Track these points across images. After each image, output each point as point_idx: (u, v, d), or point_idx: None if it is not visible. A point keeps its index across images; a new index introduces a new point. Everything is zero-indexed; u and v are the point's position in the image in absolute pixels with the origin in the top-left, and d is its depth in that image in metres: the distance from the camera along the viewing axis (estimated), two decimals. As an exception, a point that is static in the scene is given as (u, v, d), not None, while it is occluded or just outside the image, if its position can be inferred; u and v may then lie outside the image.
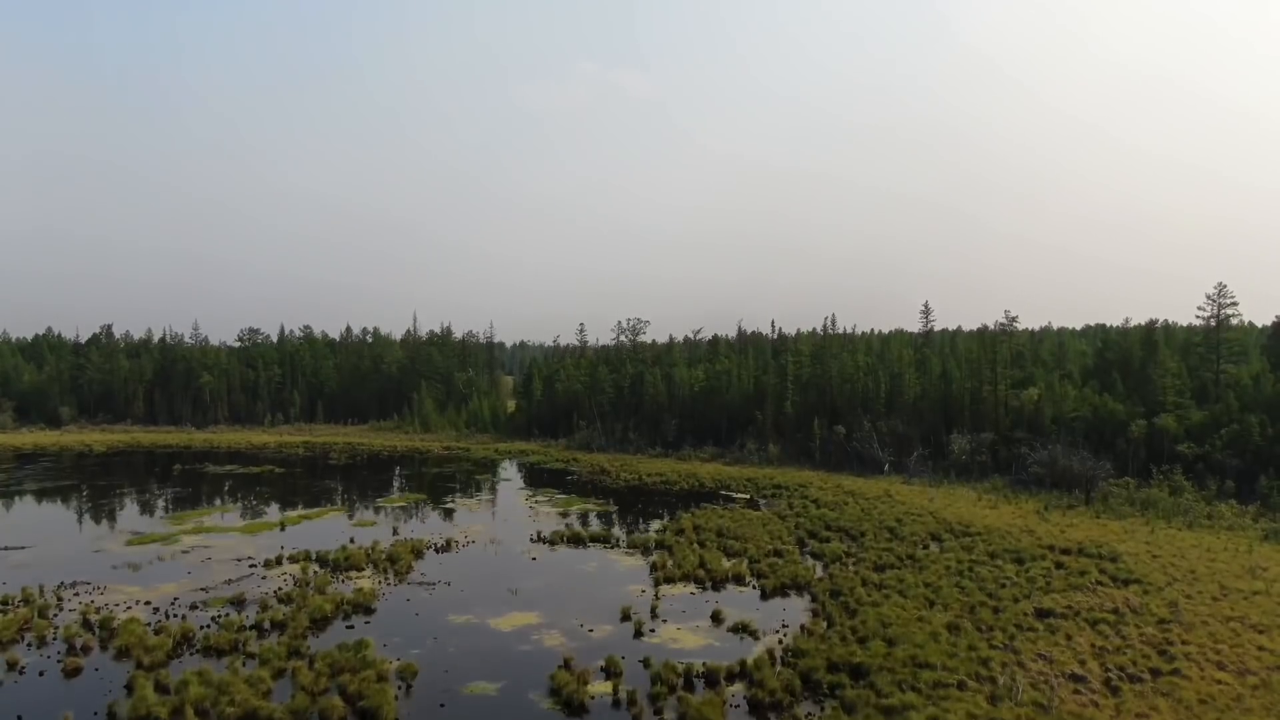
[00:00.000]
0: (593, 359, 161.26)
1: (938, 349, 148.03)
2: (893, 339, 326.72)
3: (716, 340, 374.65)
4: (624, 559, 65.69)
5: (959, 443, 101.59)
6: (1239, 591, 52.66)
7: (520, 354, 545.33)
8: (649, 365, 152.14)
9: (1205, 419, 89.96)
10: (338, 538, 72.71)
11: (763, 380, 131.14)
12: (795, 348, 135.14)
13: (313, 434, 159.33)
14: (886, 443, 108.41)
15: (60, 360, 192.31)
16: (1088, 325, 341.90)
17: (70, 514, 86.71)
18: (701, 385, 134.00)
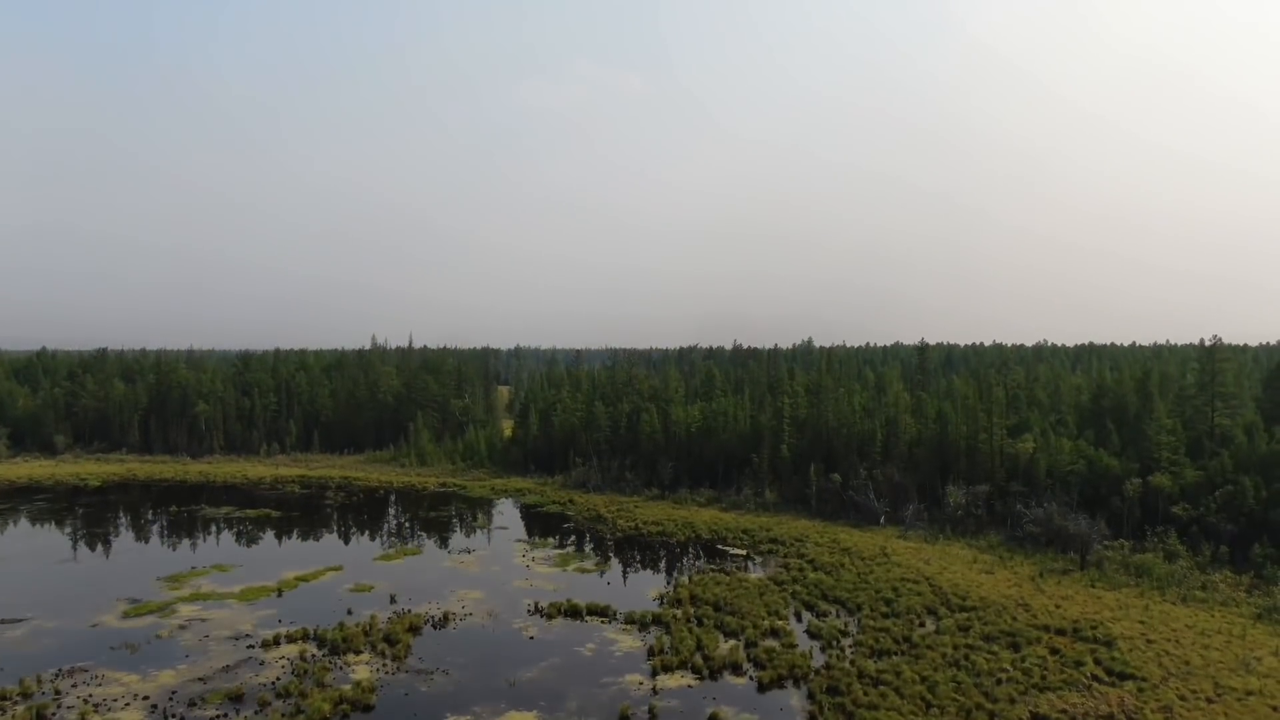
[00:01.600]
0: (589, 392, 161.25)
1: (934, 390, 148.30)
2: (892, 355, 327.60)
3: (712, 354, 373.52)
4: (621, 638, 65.79)
5: (955, 495, 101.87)
6: (1233, 691, 52.95)
7: (518, 362, 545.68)
8: (645, 400, 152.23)
9: (1200, 479, 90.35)
10: (334, 608, 72.85)
11: (759, 420, 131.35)
12: (791, 388, 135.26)
13: (309, 466, 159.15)
14: (882, 492, 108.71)
15: (55, 385, 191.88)
16: (1083, 345, 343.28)
17: (66, 574, 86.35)
18: (698, 425, 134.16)
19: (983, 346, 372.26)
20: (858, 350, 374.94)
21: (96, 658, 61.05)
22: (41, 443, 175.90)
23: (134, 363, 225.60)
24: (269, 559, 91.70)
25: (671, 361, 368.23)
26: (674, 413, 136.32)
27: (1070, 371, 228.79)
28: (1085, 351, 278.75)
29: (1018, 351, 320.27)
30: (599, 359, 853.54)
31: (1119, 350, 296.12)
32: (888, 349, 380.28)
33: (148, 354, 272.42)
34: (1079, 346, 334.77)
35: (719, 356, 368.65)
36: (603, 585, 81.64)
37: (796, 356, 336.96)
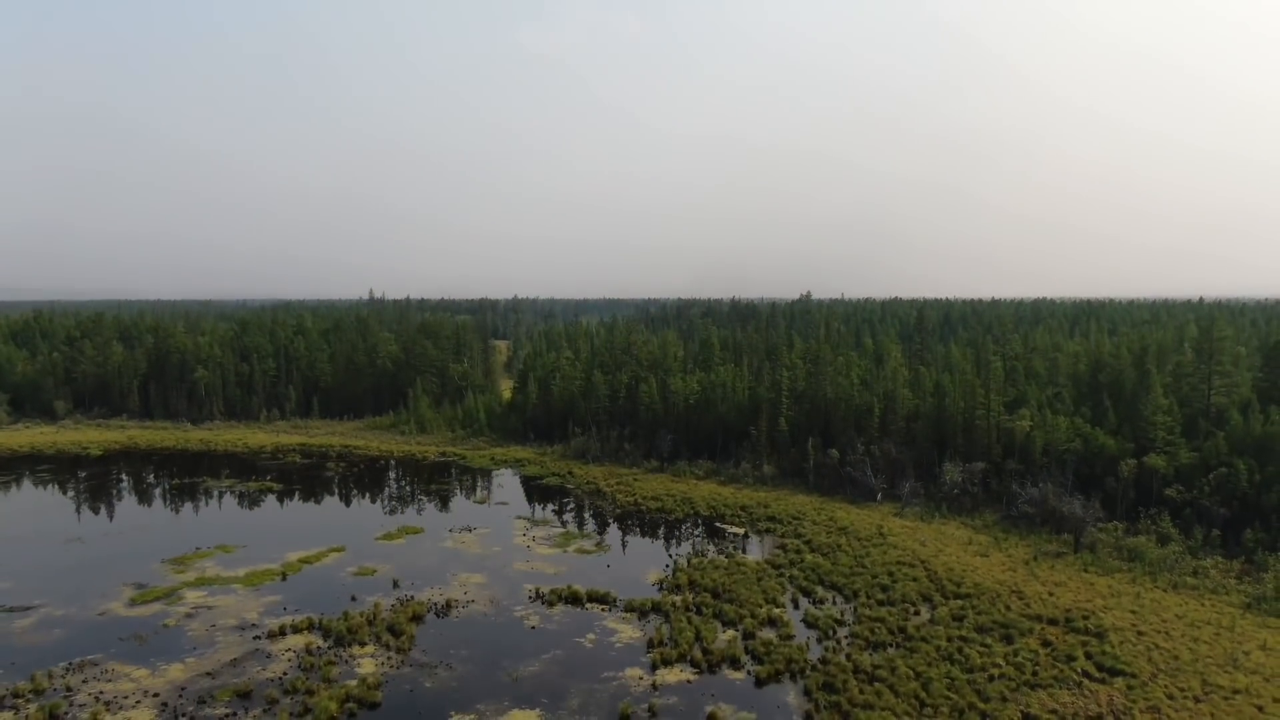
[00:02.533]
0: (588, 360, 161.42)
1: (932, 358, 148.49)
2: (890, 312, 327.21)
3: (710, 312, 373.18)
4: (622, 628, 66.87)
5: (951, 472, 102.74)
6: (1220, 690, 54.11)
7: (516, 316, 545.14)
8: (644, 369, 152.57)
9: (1194, 461, 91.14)
10: (338, 594, 73.94)
11: (757, 392, 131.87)
12: (790, 359, 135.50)
13: (309, 434, 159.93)
14: (879, 468, 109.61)
15: (53, 349, 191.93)
16: (1082, 302, 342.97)
17: (73, 555, 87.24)
18: (697, 397, 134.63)
19: (981, 303, 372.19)
20: (857, 306, 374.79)
21: (106, 650, 62.12)
22: (42, 408, 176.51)
23: (131, 324, 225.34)
24: (272, 538, 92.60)
25: (670, 320, 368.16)
26: (673, 383, 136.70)
27: (1068, 336, 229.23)
28: (1084, 312, 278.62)
29: (1016, 309, 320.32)
30: (598, 310, 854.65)
31: (1118, 309, 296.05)
32: (885, 304, 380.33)
33: (144, 315, 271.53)
34: (1078, 304, 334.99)
35: (717, 313, 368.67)
36: (603, 568, 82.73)
37: (795, 315, 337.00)
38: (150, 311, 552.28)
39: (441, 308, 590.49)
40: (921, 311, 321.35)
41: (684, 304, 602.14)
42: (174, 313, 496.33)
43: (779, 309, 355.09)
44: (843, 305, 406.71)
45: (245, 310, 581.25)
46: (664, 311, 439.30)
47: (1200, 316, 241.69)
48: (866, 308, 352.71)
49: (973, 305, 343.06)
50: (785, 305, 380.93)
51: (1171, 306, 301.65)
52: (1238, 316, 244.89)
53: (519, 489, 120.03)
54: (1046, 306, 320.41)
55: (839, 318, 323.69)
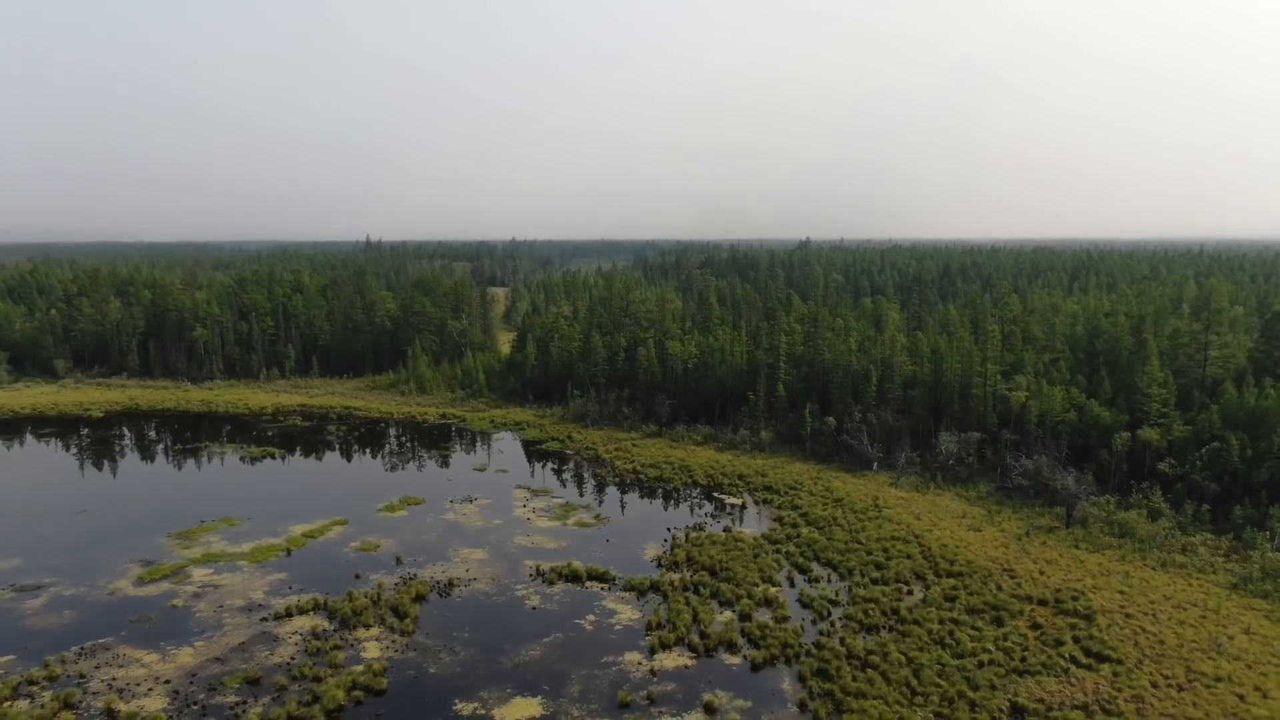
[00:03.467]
0: (586, 321, 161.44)
1: (931, 319, 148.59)
2: (889, 262, 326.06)
3: (709, 262, 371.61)
4: (621, 608, 68.26)
5: (947, 442, 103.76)
6: (1203, 677, 55.60)
7: (514, 263, 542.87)
8: (643, 331, 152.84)
9: (1187, 435, 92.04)
10: (343, 572, 75.32)
11: (756, 356, 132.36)
12: (788, 324, 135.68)
13: (309, 394, 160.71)
14: (876, 436, 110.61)
15: (51, 306, 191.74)
16: (1081, 250, 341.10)
17: (80, 528, 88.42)
18: (695, 360, 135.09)
19: (980, 252, 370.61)
20: (856, 256, 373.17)
21: (116, 632, 63.49)
22: (41, 366, 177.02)
23: (128, 278, 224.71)
24: (276, 508, 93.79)
25: (669, 270, 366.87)
26: (671, 347, 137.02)
27: (1067, 291, 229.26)
28: (1083, 265, 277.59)
29: (1015, 260, 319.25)
30: (596, 253, 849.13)
31: (1117, 260, 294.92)
32: (885, 254, 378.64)
33: (140, 266, 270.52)
34: (1078, 255, 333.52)
35: (716, 263, 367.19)
36: (602, 542, 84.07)
37: (794, 265, 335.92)
38: (145, 257, 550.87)
39: (440, 253, 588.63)
40: (921, 263, 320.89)
41: (683, 250, 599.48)
42: (170, 259, 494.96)
43: (778, 258, 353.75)
44: (842, 253, 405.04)
45: (242, 255, 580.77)
46: (663, 260, 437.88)
47: (1199, 271, 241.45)
48: (865, 258, 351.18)
49: (972, 255, 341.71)
50: (784, 254, 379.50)
51: (1171, 259, 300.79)
52: (1236, 272, 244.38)
53: (519, 455, 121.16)
54: (1045, 257, 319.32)
55: (838, 268, 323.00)
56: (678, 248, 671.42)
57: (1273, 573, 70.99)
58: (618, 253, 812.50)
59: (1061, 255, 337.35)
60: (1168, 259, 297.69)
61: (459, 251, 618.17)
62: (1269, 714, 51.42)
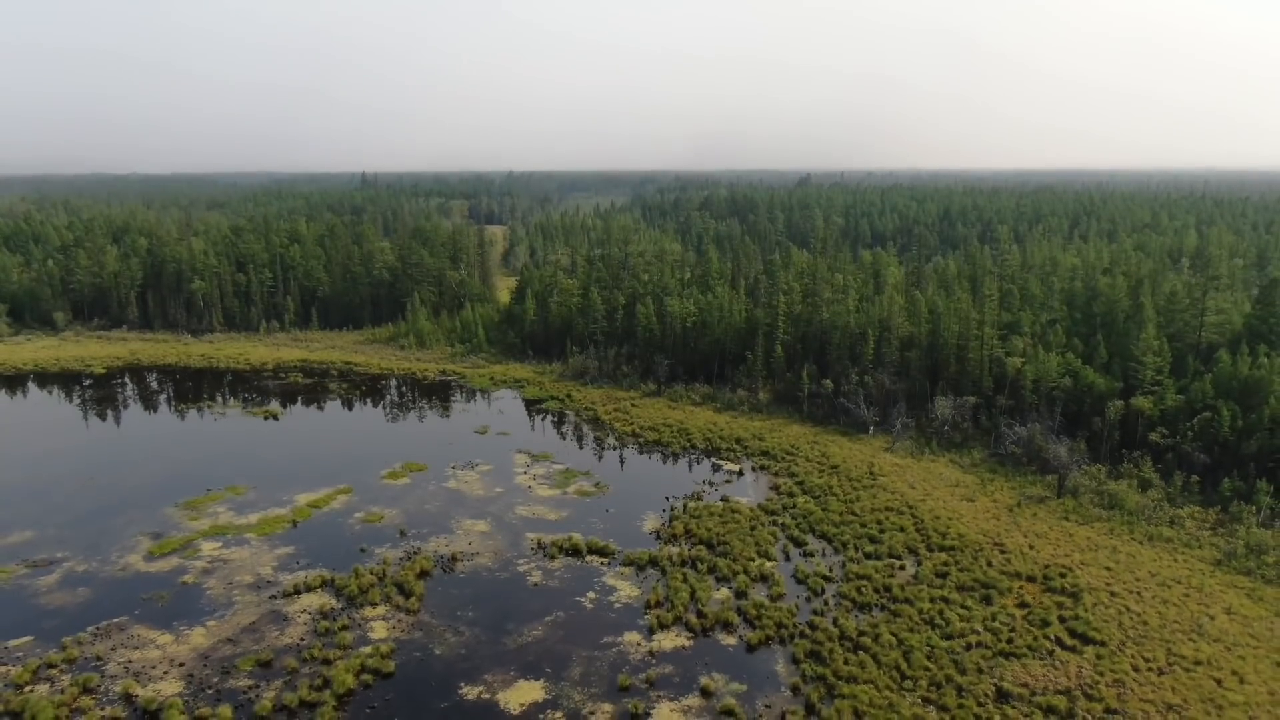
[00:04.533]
0: (585, 276, 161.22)
1: (930, 275, 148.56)
2: (889, 202, 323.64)
3: (708, 203, 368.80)
4: (620, 585, 70.07)
5: (943, 406, 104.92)
6: (1183, 660, 57.54)
7: (513, 199, 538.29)
8: (642, 283, 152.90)
9: (1180, 405, 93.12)
10: (348, 546, 77.05)
11: (754, 315, 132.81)
12: (787, 282, 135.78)
13: (309, 348, 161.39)
14: (873, 399, 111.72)
15: (48, 257, 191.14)
16: (1084, 186, 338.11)
17: (90, 498, 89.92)
18: (694, 319, 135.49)
19: (981, 193, 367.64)
20: (856, 197, 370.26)
21: (130, 611, 65.31)
22: (41, 318, 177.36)
23: (123, 226, 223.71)
24: (280, 475, 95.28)
25: (668, 212, 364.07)
26: (670, 305, 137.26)
27: (1067, 239, 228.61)
28: (1084, 210, 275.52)
29: (1017, 203, 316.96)
30: (594, 187, 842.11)
31: (1118, 205, 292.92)
32: (885, 194, 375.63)
33: (136, 213, 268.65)
34: (1079, 198, 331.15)
35: (715, 205, 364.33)
36: (602, 512, 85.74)
37: (793, 207, 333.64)
38: (140, 195, 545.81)
39: (436, 190, 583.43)
40: (921, 205, 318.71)
41: (681, 189, 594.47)
42: (165, 198, 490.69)
43: (777, 199, 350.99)
44: (842, 192, 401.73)
45: (238, 193, 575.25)
46: (661, 200, 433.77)
47: (1201, 218, 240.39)
48: (866, 199, 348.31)
49: (973, 197, 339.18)
50: (784, 195, 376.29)
51: (1173, 203, 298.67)
52: (1238, 219, 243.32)
53: (519, 415, 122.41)
54: (1047, 200, 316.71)
55: (838, 210, 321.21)
56: (676, 184, 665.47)
57: (1256, 549, 72.74)
58: (616, 187, 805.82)
59: (1063, 198, 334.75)
60: (1169, 203, 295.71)
61: (455, 189, 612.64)
62: (1244, 699, 53.41)
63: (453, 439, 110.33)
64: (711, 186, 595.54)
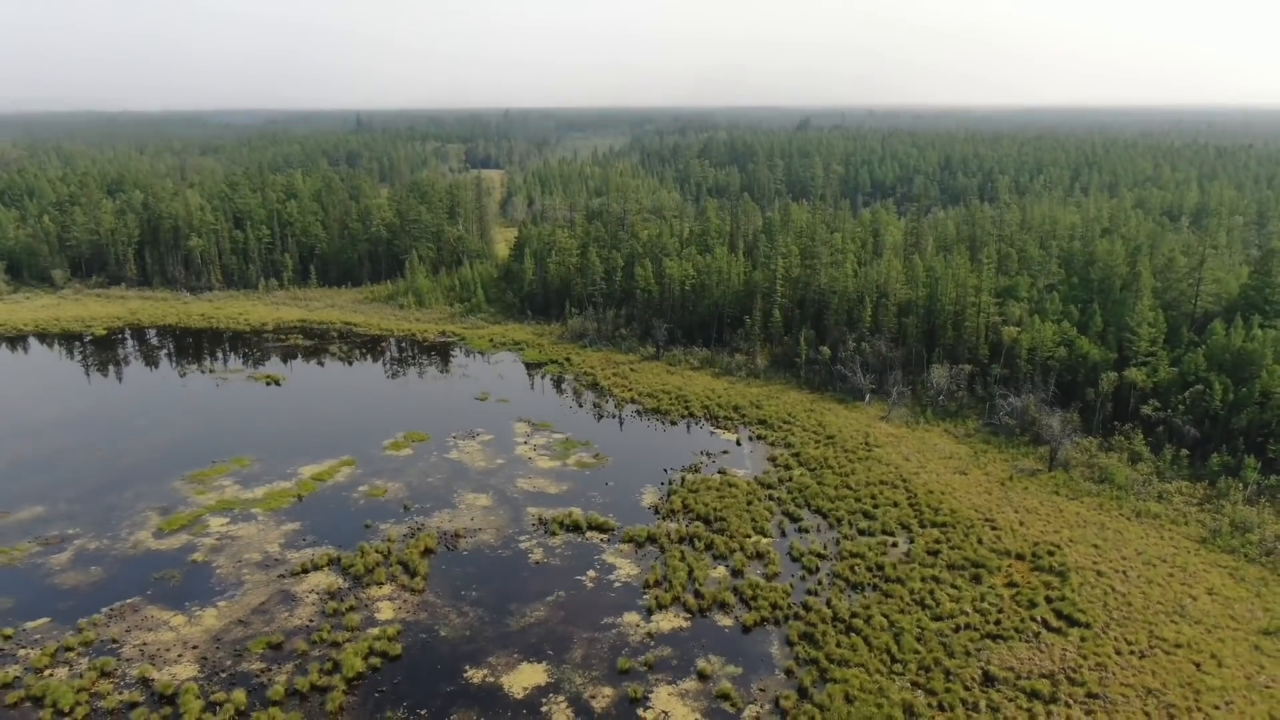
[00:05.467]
0: (583, 235, 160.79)
1: (929, 240, 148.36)
2: (890, 149, 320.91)
3: (707, 149, 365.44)
4: (620, 563, 71.83)
5: (939, 374, 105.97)
6: (1164, 643, 59.46)
7: (510, 142, 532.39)
8: (640, 243, 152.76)
9: (1172, 377, 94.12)
10: (353, 522, 78.72)
11: (753, 278, 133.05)
12: (785, 245, 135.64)
13: (309, 307, 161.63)
14: (870, 366, 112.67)
15: (43, 212, 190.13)
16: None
17: (99, 470, 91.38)
18: (693, 282, 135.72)
19: (983, 139, 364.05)
20: (857, 142, 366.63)
21: (142, 591, 67.11)
22: (39, 275, 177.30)
23: (117, 179, 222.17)
24: (284, 445, 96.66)
25: (666, 159, 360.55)
26: (668, 267, 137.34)
27: (1068, 192, 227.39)
28: (1086, 160, 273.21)
29: (1019, 151, 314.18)
30: (592, 126, 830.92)
31: (1120, 154, 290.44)
32: (885, 140, 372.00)
33: (130, 166, 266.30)
34: (1081, 144, 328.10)
35: (714, 151, 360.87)
36: (602, 485, 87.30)
37: (793, 154, 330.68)
38: (133, 138, 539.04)
39: (432, 133, 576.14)
40: (921, 153, 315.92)
41: (680, 130, 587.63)
42: (158, 141, 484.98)
43: (777, 145, 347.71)
44: (842, 137, 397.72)
45: (231, 136, 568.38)
46: (660, 146, 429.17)
47: (1203, 171, 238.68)
48: (866, 145, 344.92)
49: (974, 144, 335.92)
50: (783, 140, 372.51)
51: (1176, 152, 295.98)
52: (1240, 171, 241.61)
53: (519, 380, 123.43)
54: (1049, 149, 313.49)
55: (838, 157, 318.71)
56: (675, 126, 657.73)
57: (1241, 526, 74.45)
58: (614, 127, 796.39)
59: (1065, 145, 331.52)
60: (1172, 153, 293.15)
61: (452, 131, 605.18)
62: (1221, 683, 55.40)
63: (453, 407, 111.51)
64: (710, 129, 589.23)
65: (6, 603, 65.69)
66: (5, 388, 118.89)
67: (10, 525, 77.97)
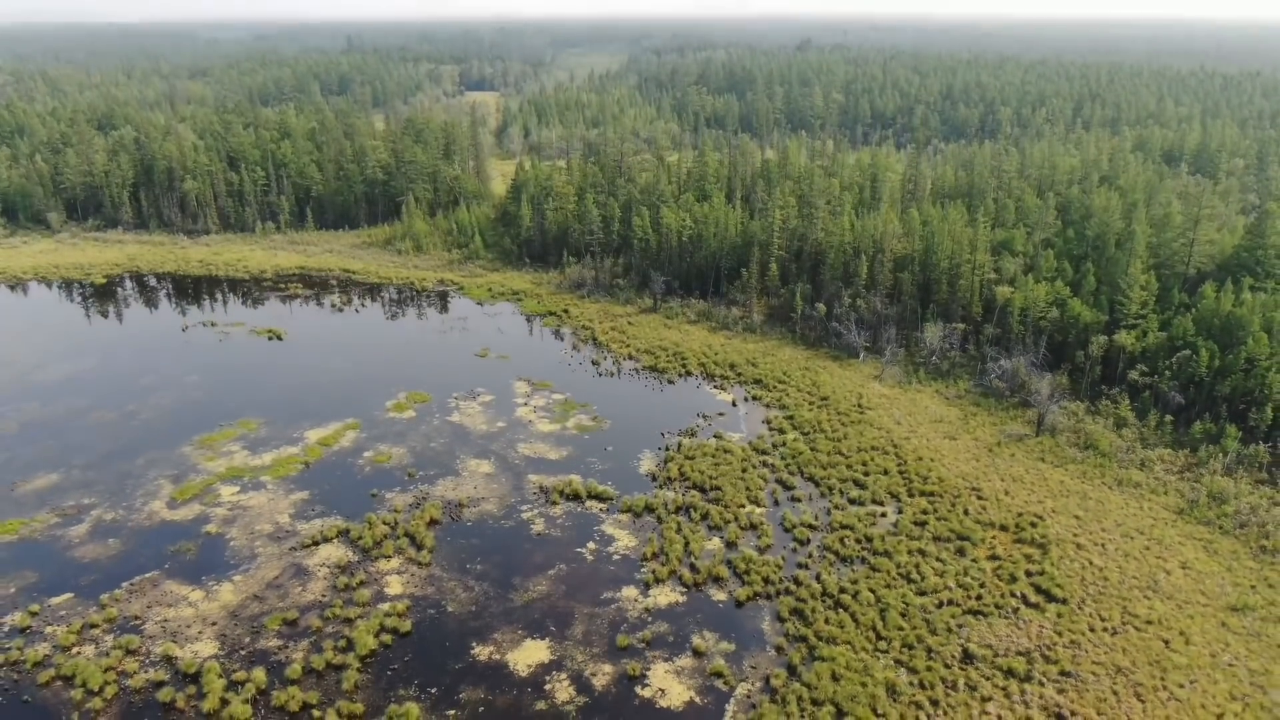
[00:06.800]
0: (581, 180, 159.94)
1: (926, 183, 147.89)
2: (891, 76, 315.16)
3: (705, 77, 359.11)
4: (618, 534, 74.58)
5: (932, 333, 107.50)
6: (1135, 620, 62.56)
7: (505, 63, 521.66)
8: (638, 189, 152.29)
9: (1161, 342, 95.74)
10: (359, 491, 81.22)
11: (750, 229, 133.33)
12: (783, 196, 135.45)
13: (306, 252, 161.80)
14: (865, 323, 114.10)
15: (34, 150, 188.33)
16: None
17: (106, 433, 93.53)
18: (690, 232, 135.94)
19: (985, 63, 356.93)
20: (859, 67, 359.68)
21: (160, 565, 69.91)
22: (34, 217, 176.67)
23: (107, 114, 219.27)
24: (289, 407, 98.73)
25: (664, 85, 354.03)
26: (666, 216, 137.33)
27: (1070, 125, 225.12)
28: (1089, 94, 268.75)
29: (1023, 78, 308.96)
30: (588, 40, 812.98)
31: (1124, 85, 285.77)
32: (887, 66, 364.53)
33: (118, 100, 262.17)
34: (1084, 70, 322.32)
35: (711, 76, 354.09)
36: (601, 450, 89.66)
37: (793, 80, 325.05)
38: (119, 51, 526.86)
39: (425, 52, 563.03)
40: (923, 80, 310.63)
41: (679, 47, 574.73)
42: (145, 60, 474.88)
43: (776, 72, 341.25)
44: (843, 62, 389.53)
45: (218, 53, 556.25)
46: (658, 66, 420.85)
47: (1206, 107, 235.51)
48: (868, 72, 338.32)
49: (976, 72, 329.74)
50: (782, 66, 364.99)
51: (1181, 80, 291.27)
52: (1244, 105, 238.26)
53: (518, 334, 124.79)
54: (1052, 79, 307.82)
55: (839, 84, 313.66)
56: (673, 44, 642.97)
57: (1218, 497, 77.15)
58: (610, 43, 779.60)
59: (1069, 72, 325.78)
60: (1176, 83, 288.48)
61: (445, 50, 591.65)
62: (1187, 661, 58.62)
63: (454, 363, 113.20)
64: (709, 47, 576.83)
65: (31, 577, 68.56)
66: (9, 343, 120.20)
67: (28, 495, 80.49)
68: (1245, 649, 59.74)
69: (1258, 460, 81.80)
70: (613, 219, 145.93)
